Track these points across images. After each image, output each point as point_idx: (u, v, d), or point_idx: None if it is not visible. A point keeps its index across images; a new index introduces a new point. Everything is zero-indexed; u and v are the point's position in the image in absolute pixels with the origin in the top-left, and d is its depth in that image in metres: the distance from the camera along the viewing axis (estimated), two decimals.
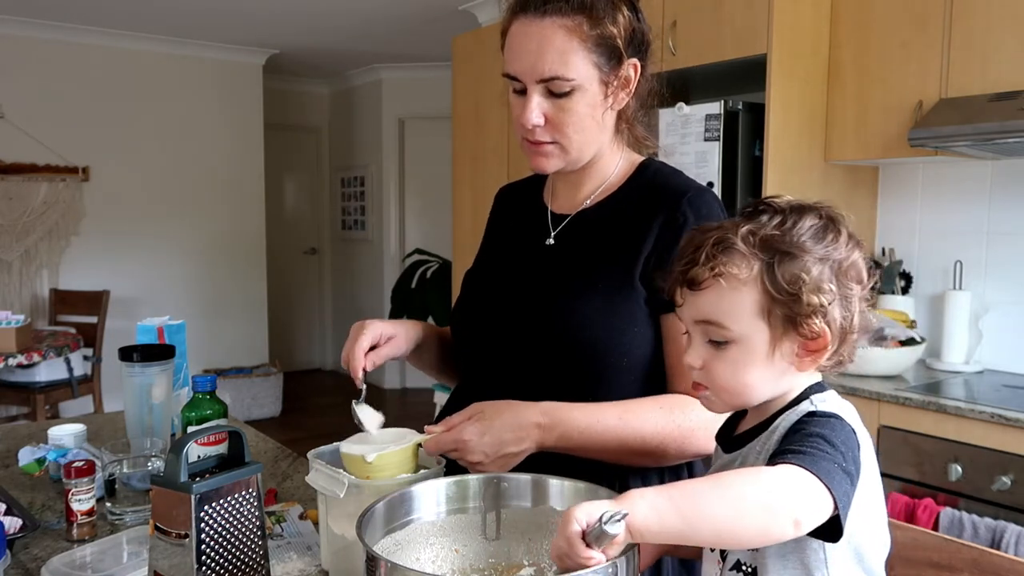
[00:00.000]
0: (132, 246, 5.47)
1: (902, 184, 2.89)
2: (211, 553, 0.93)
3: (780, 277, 0.78)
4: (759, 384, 0.82)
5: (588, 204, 1.22)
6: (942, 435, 2.19)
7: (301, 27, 5.11)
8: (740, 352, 0.81)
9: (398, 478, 1.00)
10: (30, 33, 5.00)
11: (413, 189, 6.49)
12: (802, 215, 0.81)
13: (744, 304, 0.80)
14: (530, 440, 1.03)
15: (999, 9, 2.31)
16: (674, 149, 2.73)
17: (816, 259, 0.79)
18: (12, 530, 1.18)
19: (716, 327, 0.81)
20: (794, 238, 0.79)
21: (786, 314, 0.79)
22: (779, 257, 0.79)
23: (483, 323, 1.24)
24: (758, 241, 0.80)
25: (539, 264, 1.22)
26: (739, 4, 2.65)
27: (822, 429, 0.76)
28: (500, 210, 1.40)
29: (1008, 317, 2.62)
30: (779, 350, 0.81)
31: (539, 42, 1.09)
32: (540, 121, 1.11)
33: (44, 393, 4.25)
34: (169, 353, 1.53)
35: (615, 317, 1.11)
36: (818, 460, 0.72)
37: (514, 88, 1.13)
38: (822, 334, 0.79)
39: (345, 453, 1.03)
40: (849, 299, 0.81)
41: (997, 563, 1.13)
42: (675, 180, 1.19)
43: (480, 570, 0.93)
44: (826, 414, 0.79)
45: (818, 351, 0.81)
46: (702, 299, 0.82)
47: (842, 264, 0.80)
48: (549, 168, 1.17)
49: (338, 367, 7.17)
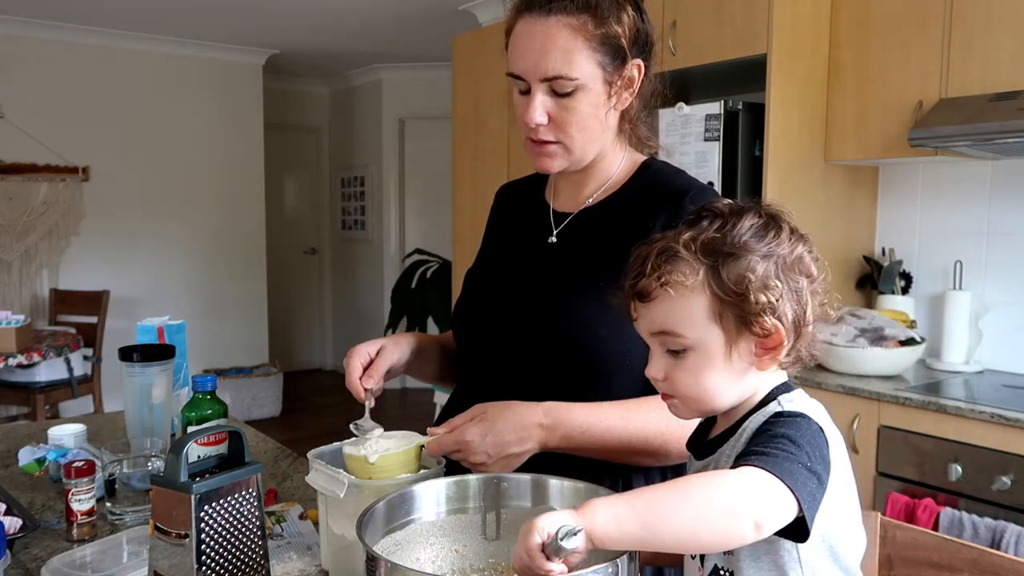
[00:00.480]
0: (132, 246, 5.47)
1: (902, 184, 2.89)
2: (211, 553, 0.93)
3: (726, 279, 0.79)
4: (721, 388, 0.82)
5: (591, 203, 1.22)
6: (942, 435, 2.19)
7: (301, 27, 5.11)
8: (698, 359, 0.82)
9: (398, 478, 1.00)
10: (30, 33, 5.00)
11: (413, 189, 6.49)
12: (741, 216, 0.82)
13: (695, 310, 0.80)
14: (533, 440, 1.03)
15: (999, 9, 2.31)
16: (674, 149, 2.73)
17: (759, 257, 0.79)
18: (12, 530, 1.18)
19: (671, 336, 0.82)
20: (735, 239, 0.80)
21: (737, 315, 0.79)
22: (722, 259, 0.79)
23: (485, 322, 1.23)
24: (700, 246, 0.80)
25: (541, 262, 1.22)
26: (739, 4, 2.65)
27: (787, 429, 0.76)
28: (501, 209, 1.40)
29: (1008, 317, 2.62)
30: (736, 351, 0.81)
31: (543, 41, 1.09)
32: (544, 120, 1.12)
33: (44, 393, 4.25)
34: (169, 353, 1.53)
35: (617, 315, 1.11)
36: (780, 461, 0.72)
37: (518, 88, 1.14)
38: (775, 331, 0.79)
39: (348, 454, 1.03)
40: (799, 293, 0.81)
41: (997, 563, 1.13)
42: (677, 179, 1.20)
43: (480, 570, 0.93)
44: (792, 414, 0.79)
45: (774, 348, 0.81)
46: (654, 310, 0.82)
47: (787, 259, 0.80)
48: (553, 168, 1.17)
49: (338, 367, 7.17)
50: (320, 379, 6.97)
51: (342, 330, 7.14)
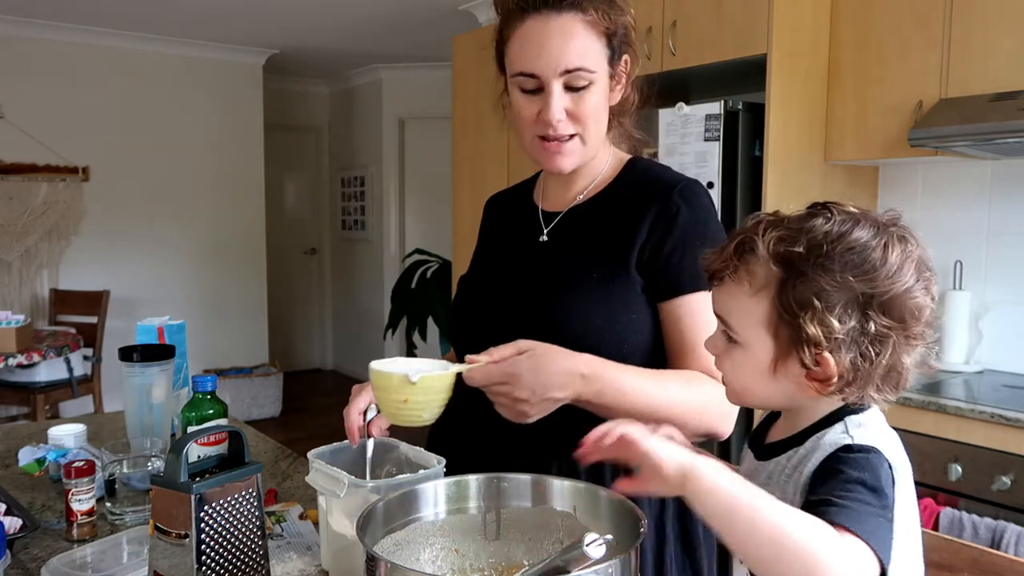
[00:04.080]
0: (132, 246, 5.47)
1: (902, 184, 2.89)
2: (211, 553, 0.93)
3: (791, 296, 0.73)
4: (761, 393, 0.80)
5: (580, 200, 1.23)
6: (942, 435, 2.19)
7: (301, 27, 5.11)
8: (743, 356, 0.79)
9: (425, 415, 0.95)
10: (30, 33, 5.00)
11: (413, 189, 6.49)
12: (852, 232, 0.73)
13: (753, 311, 0.77)
14: (572, 389, 1.01)
15: (999, 9, 2.31)
16: (674, 149, 2.73)
17: (837, 286, 0.71)
18: (12, 530, 1.18)
19: (726, 325, 0.80)
20: (821, 259, 0.72)
21: (791, 335, 0.74)
22: (796, 275, 0.73)
23: (481, 323, 1.24)
24: (780, 252, 0.74)
25: (534, 261, 1.23)
26: (739, 4, 2.65)
27: (862, 472, 0.71)
28: (491, 218, 1.41)
29: (1008, 317, 2.62)
30: (784, 368, 0.77)
31: (561, 35, 1.10)
32: (563, 115, 1.12)
33: (44, 393, 4.25)
34: (169, 353, 1.53)
35: (611, 304, 1.13)
36: (863, 518, 0.68)
37: (523, 88, 1.14)
38: (823, 366, 0.74)
39: (379, 371, 0.95)
40: (873, 335, 0.72)
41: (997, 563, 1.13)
42: (666, 174, 1.22)
43: (480, 570, 0.93)
44: (863, 449, 0.73)
45: (822, 382, 0.75)
46: (722, 293, 0.80)
47: (877, 297, 0.72)
48: (568, 167, 1.18)
49: (338, 367, 7.17)
50: (320, 379, 6.97)
51: (342, 330, 7.14)
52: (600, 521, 0.89)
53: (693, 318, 1.12)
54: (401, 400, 0.93)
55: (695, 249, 1.12)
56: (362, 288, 6.82)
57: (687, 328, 1.12)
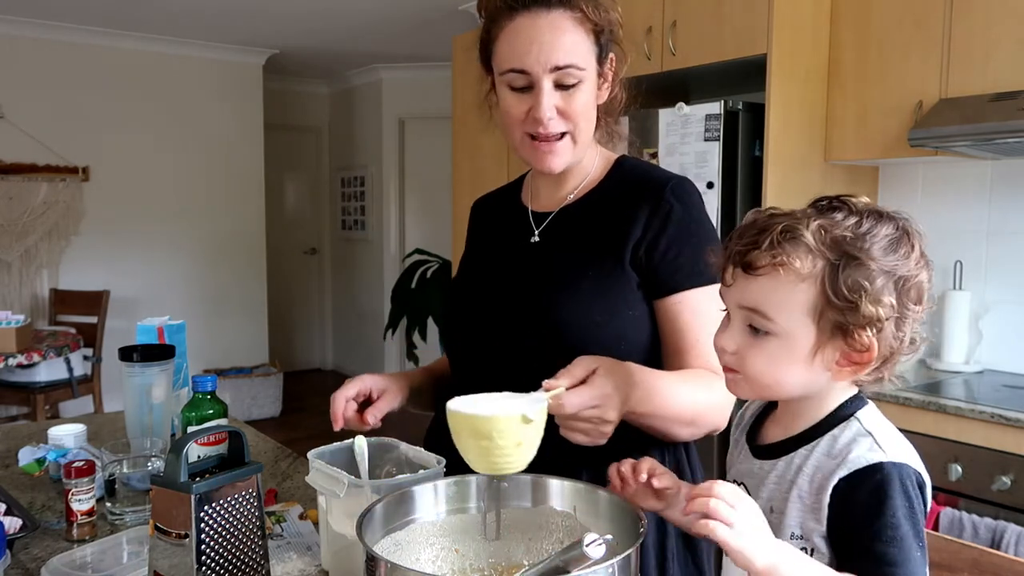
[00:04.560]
0: (132, 246, 5.47)
1: (902, 184, 2.89)
2: (211, 553, 0.93)
3: (842, 281, 0.75)
4: (792, 383, 0.80)
5: (571, 199, 1.23)
6: (942, 435, 2.19)
7: (301, 27, 5.11)
8: (779, 347, 0.79)
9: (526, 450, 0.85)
10: (30, 33, 5.00)
11: (413, 189, 6.49)
12: (879, 222, 0.78)
13: (797, 300, 0.77)
14: (630, 400, 0.99)
15: (999, 9, 2.31)
16: (674, 149, 2.73)
17: (882, 271, 0.75)
18: (12, 530, 1.18)
19: (761, 316, 0.79)
20: (866, 244, 0.76)
21: (837, 320, 0.76)
22: (846, 260, 0.75)
23: (476, 326, 1.24)
24: (828, 239, 0.76)
25: (526, 262, 1.23)
26: (739, 4, 2.65)
27: (901, 502, 0.74)
28: (479, 221, 1.42)
29: (1008, 317, 2.62)
30: (820, 354, 0.78)
31: (551, 32, 1.10)
32: (553, 113, 1.12)
33: (44, 393, 4.25)
34: (169, 353, 1.53)
35: (607, 301, 1.13)
36: (910, 564, 0.72)
37: (512, 85, 1.14)
38: (870, 347, 0.77)
39: (484, 415, 0.82)
40: (904, 319, 0.77)
41: (997, 563, 1.13)
42: (656, 172, 1.22)
43: (480, 570, 0.93)
44: (895, 468, 0.75)
45: (860, 364, 0.78)
46: (755, 284, 0.79)
47: (907, 281, 0.77)
48: (559, 166, 1.17)
49: (338, 367, 7.17)
50: (320, 379, 6.97)
51: (342, 330, 7.14)
52: (600, 521, 0.89)
53: (693, 315, 1.12)
54: (515, 444, 0.83)
55: (691, 246, 1.13)
56: (362, 288, 6.82)
57: (687, 325, 1.12)
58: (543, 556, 0.91)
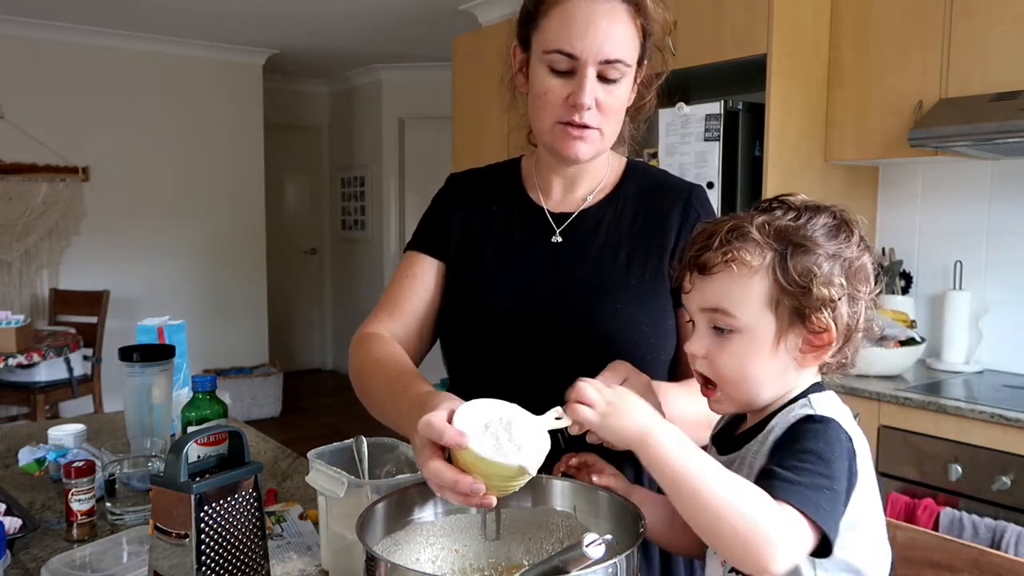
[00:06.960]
0: (132, 246, 5.47)
1: (902, 184, 2.89)
2: (211, 553, 0.93)
3: (792, 268, 0.79)
4: (762, 378, 0.82)
5: (590, 202, 1.20)
6: (942, 435, 2.19)
7: (301, 27, 5.11)
8: (744, 343, 0.82)
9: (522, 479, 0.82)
10: (30, 33, 5.00)
11: (413, 189, 6.49)
12: (817, 213, 0.83)
13: (753, 293, 0.81)
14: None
15: (999, 9, 2.31)
16: (674, 149, 2.73)
17: (828, 255, 0.80)
18: (12, 530, 1.18)
19: (723, 315, 0.82)
20: (808, 232, 0.81)
21: (794, 306, 0.80)
22: (792, 248, 0.80)
23: (499, 328, 1.15)
24: (772, 231, 0.81)
25: (553, 262, 1.17)
26: (739, 4, 2.65)
27: (816, 443, 0.76)
28: (462, 199, 1.30)
29: (1008, 317, 2.62)
30: (783, 343, 0.81)
31: (609, 21, 1.05)
32: (594, 103, 1.07)
33: (44, 393, 4.25)
34: (169, 353, 1.53)
35: (652, 313, 1.12)
36: (806, 489, 0.72)
37: (555, 67, 1.07)
38: (828, 328, 0.80)
39: (494, 461, 0.78)
40: (856, 299, 0.82)
41: (997, 563, 1.13)
42: (672, 178, 1.22)
43: (480, 570, 0.93)
44: (821, 419, 0.79)
45: (822, 347, 0.81)
46: (711, 285, 0.82)
47: (852, 264, 0.81)
48: (586, 155, 1.12)
49: (338, 367, 7.17)
50: (320, 379, 6.97)
51: (342, 330, 7.13)
52: (600, 521, 0.89)
53: None
54: (523, 481, 0.81)
55: None
56: (362, 288, 6.82)
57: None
58: (543, 556, 0.91)
